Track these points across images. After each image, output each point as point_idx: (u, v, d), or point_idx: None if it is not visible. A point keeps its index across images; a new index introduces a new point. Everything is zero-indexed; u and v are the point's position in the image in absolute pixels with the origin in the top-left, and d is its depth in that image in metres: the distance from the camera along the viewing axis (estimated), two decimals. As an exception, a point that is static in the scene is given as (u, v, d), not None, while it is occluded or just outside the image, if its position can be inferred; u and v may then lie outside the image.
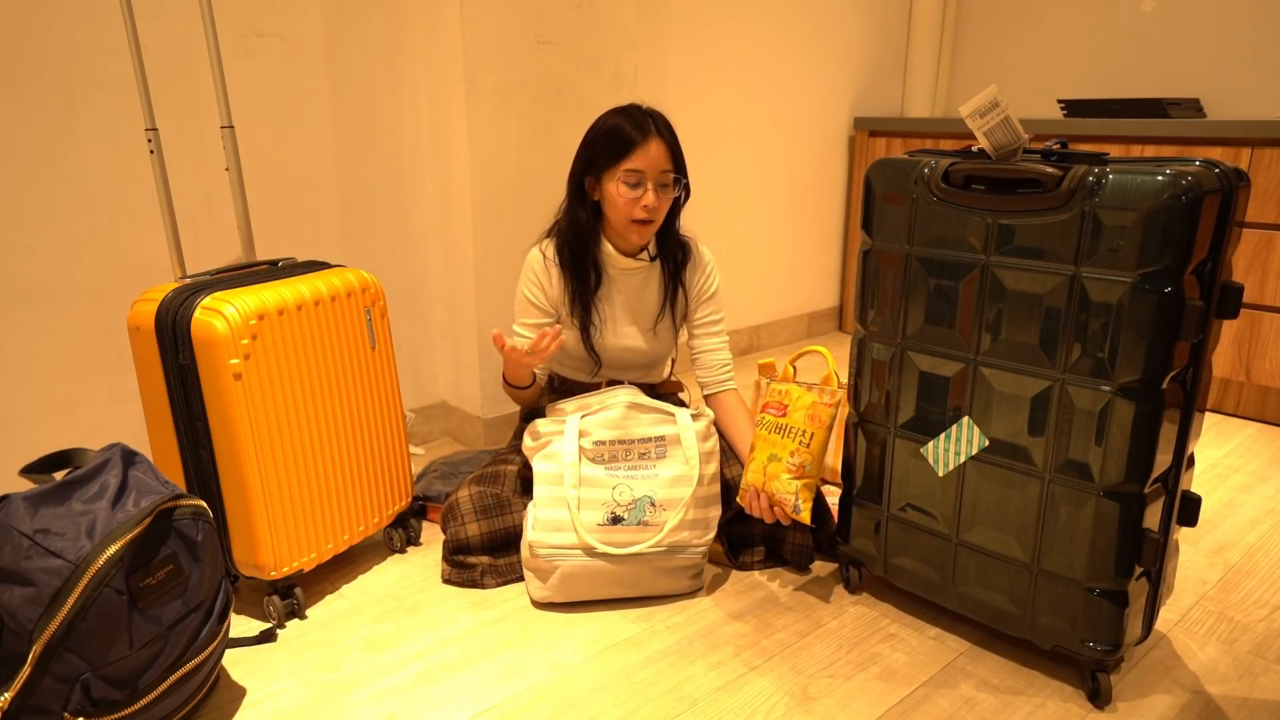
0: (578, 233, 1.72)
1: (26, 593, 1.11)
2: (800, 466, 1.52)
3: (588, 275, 1.75)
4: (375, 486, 1.73)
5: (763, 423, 1.61)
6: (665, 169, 1.65)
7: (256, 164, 2.00)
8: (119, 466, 1.25)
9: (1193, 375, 1.27)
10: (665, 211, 1.70)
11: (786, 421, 1.57)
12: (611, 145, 1.64)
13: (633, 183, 1.63)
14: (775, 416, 1.59)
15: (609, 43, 2.31)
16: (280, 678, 1.43)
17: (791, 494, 1.52)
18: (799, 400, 1.57)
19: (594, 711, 1.34)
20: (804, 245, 3.45)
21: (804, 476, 1.52)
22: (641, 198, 1.64)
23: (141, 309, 1.48)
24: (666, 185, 1.66)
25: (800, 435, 1.54)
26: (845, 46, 3.34)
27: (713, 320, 1.85)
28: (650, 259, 1.78)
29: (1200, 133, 2.53)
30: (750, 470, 1.60)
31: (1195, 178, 1.16)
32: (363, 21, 2.09)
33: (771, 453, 1.56)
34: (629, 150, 1.63)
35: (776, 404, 1.60)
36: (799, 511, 1.52)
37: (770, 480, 1.55)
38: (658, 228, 1.72)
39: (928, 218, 1.40)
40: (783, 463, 1.54)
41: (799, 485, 1.52)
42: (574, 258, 1.74)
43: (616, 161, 1.64)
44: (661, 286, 1.81)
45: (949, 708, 1.35)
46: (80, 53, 1.73)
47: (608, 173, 1.66)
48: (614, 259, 1.75)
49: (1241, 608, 1.62)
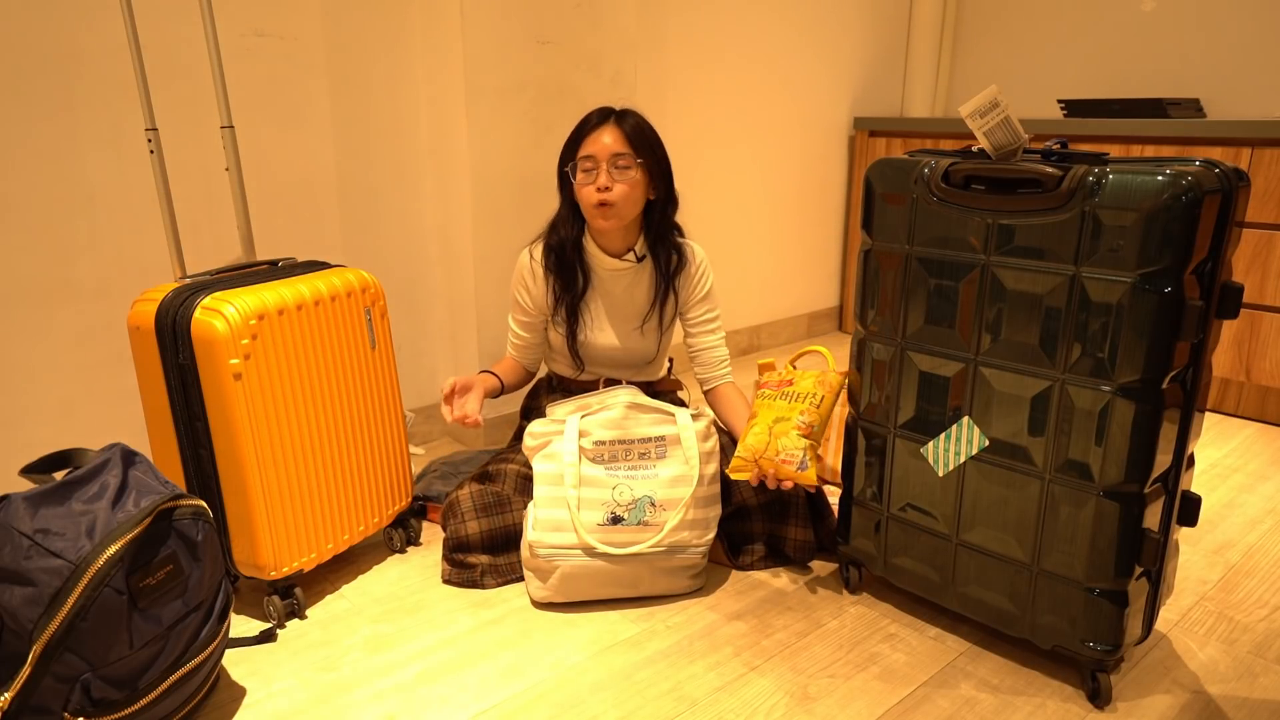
0: (561, 235, 1.77)
1: (26, 593, 1.11)
2: (809, 426, 1.52)
3: (574, 277, 1.77)
4: (375, 486, 1.73)
5: (764, 396, 1.61)
6: (619, 152, 1.66)
7: (256, 164, 2.00)
8: (119, 466, 1.25)
9: (1193, 375, 1.27)
10: (628, 195, 1.68)
11: (794, 389, 1.58)
12: (572, 137, 1.72)
13: (588, 168, 1.67)
14: (782, 387, 1.60)
15: (609, 43, 2.31)
16: (280, 678, 1.43)
17: (800, 450, 1.50)
18: (805, 376, 1.58)
19: (594, 711, 1.34)
20: (804, 245, 3.45)
21: (811, 436, 1.52)
22: (596, 179, 1.66)
23: (141, 309, 1.48)
24: (626, 168, 1.67)
25: (810, 397, 1.55)
26: (845, 46, 3.34)
27: (708, 319, 1.86)
28: (638, 259, 1.78)
29: (1200, 133, 2.53)
30: (750, 435, 1.57)
31: (1195, 178, 1.16)
32: (363, 21, 2.09)
33: (777, 415, 1.56)
34: (582, 138, 1.69)
35: (780, 381, 1.61)
36: (805, 469, 1.49)
37: (776, 438, 1.53)
38: (624, 215, 1.70)
39: (928, 218, 1.40)
40: (791, 422, 1.53)
41: (807, 444, 1.51)
42: (559, 261, 1.77)
43: (574, 151, 1.70)
44: (651, 288, 1.82)
45: (949, 708, 1.35)
46: (80, 53, 1.73)
47: (571, 166, 1.71)
48: (600, 259, 1.77)
49: (1241, 608, 1.62)
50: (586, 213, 1.71)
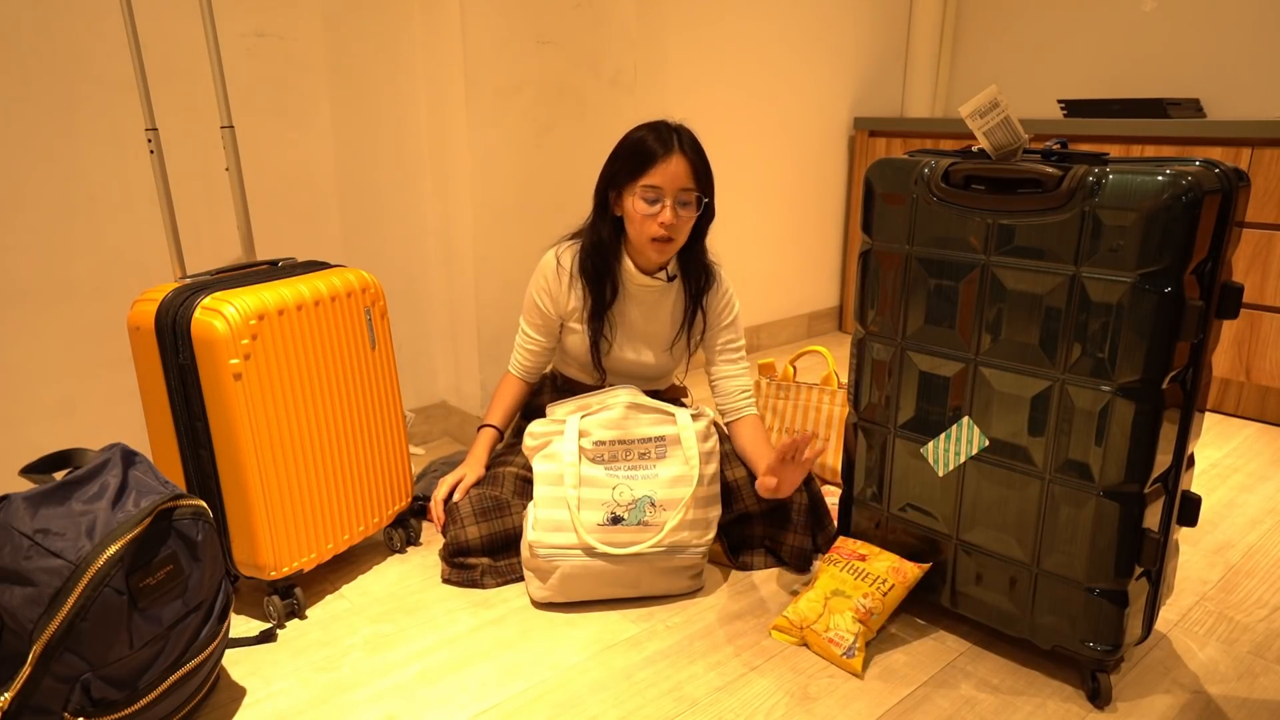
0: (599, 247, 1.70)
1: (26, 593, 1.11)
2: (868, 612, 1.45)
3: (604, 289, 1.73)
4: (375, 486, 1.73)
5: (832, 560, 1.56)
6: (686, 186, 1.61)
7: (256, 164, 2.00)
8: (119, 466, 1.25)
9: (1193, 375, 1.27)
10: (686, 231, 1.66)
11: (866, 566, 1.51)
12: (633, 159, 1.62)
13: (651, 199, 1.61)
14: (852, 559, 1.54)
15: (609, 43, 2.31)
16: (280, 678, 1.43)
17: (852, 635, 1.43)
18: (882, 556, 1.52)
19: (594, 711, 1.34)
20: (804, 245, 3.45)
21: (866, 623, 1.45)
22: (659, 214, 1.61)
23: (141, 309, 1.48)
24: (688, 204, 1.63)
25: (880, 583, 1.48)
26: (845, 46, 3.34)
27: (733, 347, 1.81)
28: (669, 279, 1.75)
29: (1200, 133, 2.53)
30: (803, 600, 1.51)
31: (1195, 178, 1.16)
32: (363, 21, 2.09)
33: (838, 589, 1.49)
34: (649, 165, 1.60)
35: (853, 552, 1.56)
36: (851, 656, 1.41)
37: (830, 614, 1.46)
38: (678, 247, 1.68)
39: (928, 218, 1.40)
40: (851, 600, 1.46)
41: (860, 629, 1.44)
42: (595, 271, 1.72)
43: (636, 176, 1.62)
44: (680, 307, 1.78)
45: (949, 708, 1.35)
46: (80, 53, 1.73)
47: (628, 187, 1.64)
48: (633, 275, 1.73)
49: (1241, 608, 1.62)
50: (639, 242, 1.66)
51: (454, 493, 1.71)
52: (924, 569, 1.50)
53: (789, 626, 1.50)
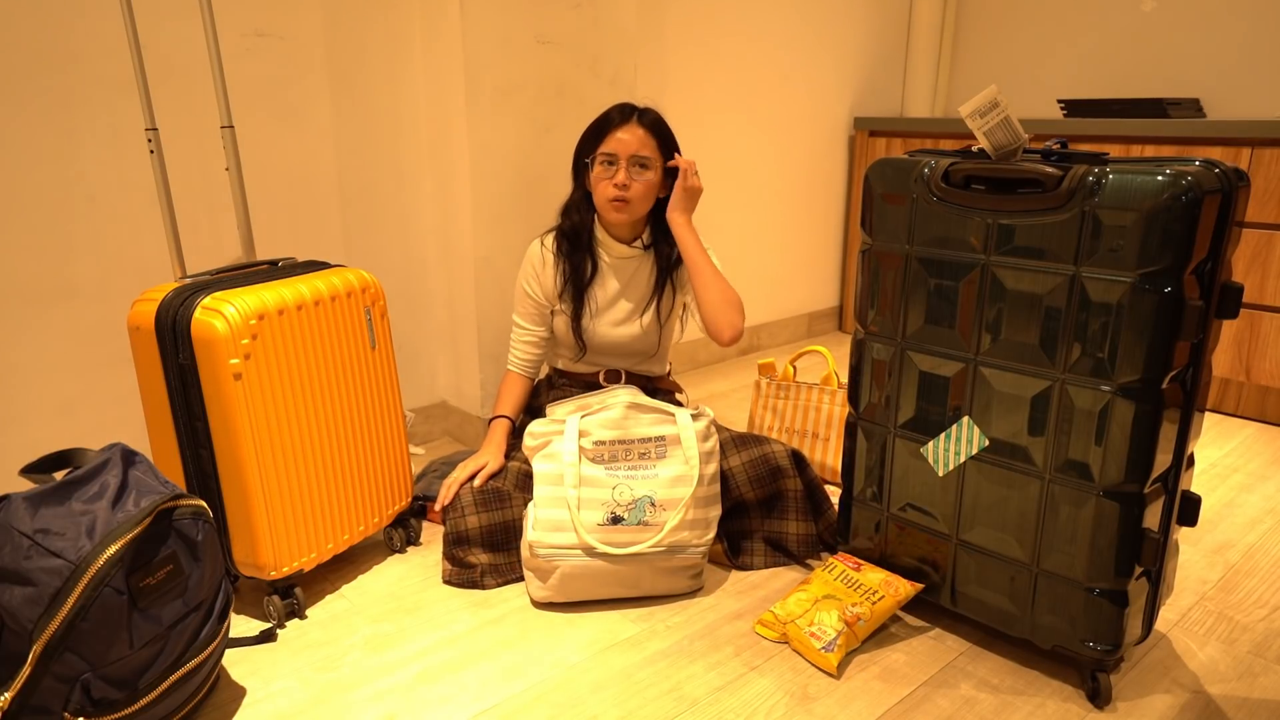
0: (574, 220, 1.83)
1: (26, 592, 1.11)
2: (856, 617, 1.44)
3: (583, 263, 1.83)
4: (375, 486, 1.73)
5: (829, 566, 1.57)
6: (639, 152, 1.73)
7: (256, 164, 2.00)
8: (119, 466, 1.25)
9: (1193, 375, 1.27)
10: (643, 194, 1.76)
11: (860, 576, 1.52)
12: (593, 130, 1.78)
13: (607, 163, 1.74)
14: (849, 568, 1.55)
15: (609, 43, 2.31)
16: (280, 678, 1.43)
17: (834, 631, 1.43)
18: (875, 571, 1.53)
19: (594, 711, 1.34)
20: (804, 245, 3.45)
21: (853, 627, 1.44)
22: (614, 176, 1.73)
23: (141, 309, 1.48)
24: (646, 167, 1.74)
25: (871, 594, 1.48)
26: (845, 46, 3.34)
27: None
28: (644, 247, 1.85)
29: (1200, 133, 2.53)
30: (792, 599, 1.52)
31: (1195, 178, 1.16)
32: (363, 21, 2.09)
33: (829, 593, 1.50)
34: (605, 133, 1.75)
35: (855, 561, 1.57)
36: (830, 650, 1.41)
37: (816, 610, 1.47)
38: (637, 210, 1.78)
39: (928, 218, 1.40)
40: (840, 603, 1.48)
41: (844, 630, 1.43)
42: (571, 246, 1.83)
43: (595, 145, 1.76)
44: (651, 277, 1.87)
45: (949, 708, 1.35)
46: (80, 53, 1.73)
47: (590, 157, 1.77)
48: (609, 246, 1.84)
49: (1241, 608, 1.62)
50: (600, 205, 1.78)
51: (474, 479, 1.75)
52: (917, 588, 1.51)
53: (773, 621, 1.51)
